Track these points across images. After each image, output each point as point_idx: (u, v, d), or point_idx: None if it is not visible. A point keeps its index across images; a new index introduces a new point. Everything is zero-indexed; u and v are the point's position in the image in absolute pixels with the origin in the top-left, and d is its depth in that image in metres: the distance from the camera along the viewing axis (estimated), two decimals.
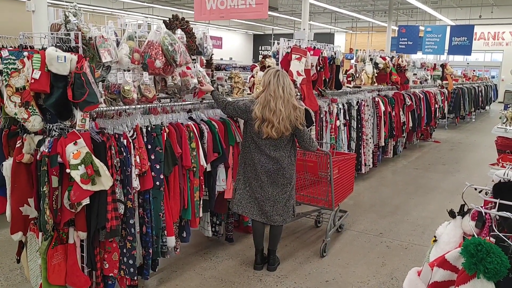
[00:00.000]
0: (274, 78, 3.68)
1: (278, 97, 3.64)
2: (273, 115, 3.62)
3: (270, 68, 3.92)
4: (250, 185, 3.86)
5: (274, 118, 3.61)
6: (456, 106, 13.15)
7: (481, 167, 8.03)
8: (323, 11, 21.54)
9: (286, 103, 3.65)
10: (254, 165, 3.80)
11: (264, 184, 3.79)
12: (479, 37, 24.96)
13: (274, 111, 3.62)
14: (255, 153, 3.79)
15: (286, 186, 3.85)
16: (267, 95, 3.68)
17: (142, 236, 3.45)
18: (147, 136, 3.41)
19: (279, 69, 3.89)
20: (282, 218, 3.89)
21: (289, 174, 3.85)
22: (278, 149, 3.75)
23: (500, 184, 1.93)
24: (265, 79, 3.74)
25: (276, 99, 3.63)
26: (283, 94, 3.65)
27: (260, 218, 3.88)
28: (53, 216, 2.95)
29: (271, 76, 3.70)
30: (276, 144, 3.74)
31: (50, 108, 2.95)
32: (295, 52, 5.47)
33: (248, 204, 3.88)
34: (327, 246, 4.36)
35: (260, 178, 3.79)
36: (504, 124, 4.42)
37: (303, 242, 4.60)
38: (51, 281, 3.08)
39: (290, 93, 3.69)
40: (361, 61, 7.95)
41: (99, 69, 3.33)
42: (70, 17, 3.09)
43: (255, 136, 3.76)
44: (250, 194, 3.87)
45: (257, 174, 3.79)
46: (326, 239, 4.36)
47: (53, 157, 2.92)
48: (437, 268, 1.69)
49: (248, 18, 6.73)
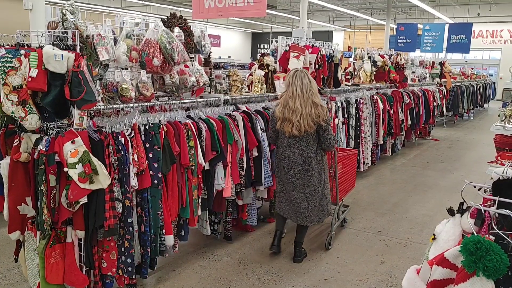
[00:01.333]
0: (293, 79, 3.86)
1: (296, 96, 3.80)
2: (291, 114, 3.78)
3: (292, 70, 4.06)
4: (285, 188, 4.00)
5: (293, 117, 3.77)
6: (455, 104, 13.16)
7: (480, 165, 8.04)
8: (321, 9, 21.52)
9: (305, 101, 3.79)
10: (284, 168, 3.95)
11: (296, 186, 3.92)
12: (478, 35, 24.97)
13: (293, 110, 3.78)
14: (283, 156, 3.94)
15: (317, 186, 3.93)
16: (286, 96, 3.87)
17: (141, 234, 3.44)
18: (145, 134, 3.40)
19: (299, 69, 4.03)
20: (318, 218, 4.01)
21: (318, 173, 3.93)
22: (304, 148, 3.86)
23: (499, 181, 1.93)
24: (286, 81, 3.94)
25: (295, 99, 3.80)
26: (301, 93, 3.80)
27: (296, 220, 4.01)
28: (50, 215, 2.94)
29: (290, 77, 3.90)
30: (302, 144, 3.86)
31: (47, 106, 2.94)
32: (293, 50, 5.47)
33: (286, 206, 4.02)
34: (332, 239, 4.46)
35: (291, 180, 3.92)
36: (503, 122, 4.42)
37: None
38: (49, 280, 3.07)
39: (309, 92, 3.82)
40: (360, 59, 7.95)
41: (96, 68, 3.31)
42: (67, 15, 3.08)
43: (282, 137, 3.94)
44: (287, 197, 4.01)
45: (288, 177, 3.94)
46: (331, 232, 4.46)
47: (51, 156, 2.91)
48: (436, 266, 1.68)
49: (246, 16, 6.71)
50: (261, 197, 4.75)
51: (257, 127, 4.41)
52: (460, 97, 13.35)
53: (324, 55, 6.06)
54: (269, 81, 5.06)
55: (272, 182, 4.63)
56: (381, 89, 7.95)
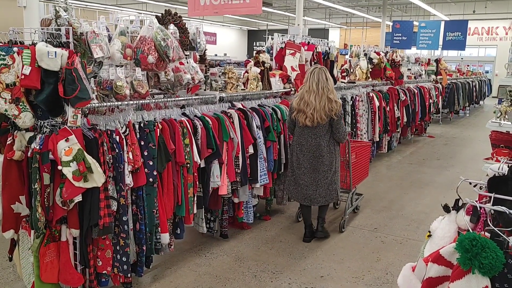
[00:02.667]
0: (311, 75, 4.25)
1: (312, 91, 4.19)
2: (306, 106, 4.18)
3: (312, 66, 4.47)
4: (295, 174, 4.39)
5: (307, 109, 4.17)
6: (450, 101, 13.18)
7: (476, 161, 8.06)
8: (317, 6, 21.49)
9: (320, 96, 4.17)
10: (296, 154, 4.33)
11: (307, 170, 4.29)
12: (473, 32, 25.01)
13: (308, 103, 4.17)
14: (297, 143, 4.32)
15: (327, 172, 4.30)
16: (303, 90, 4.28)
17: (136, 233, 3.42)
18: (140, 132, 3.38)
19: (318, 66, 4.37)
20: (324, 200, 4.38)
21: (329, 161, 4.29)
22: (316, 138, 4.23)
23: (494, 178, 1.93)
24: (305, 76, 4.36)
25: (310, 93, 4.19)
26: (317, 88, 4.18)
27: (304, 202, 4.40)
28: (45, 214, 2.92)
29: (309, 73, 4.30)
30: (315, 133, 4.23)
31: (41, 104, 2.91)
32: (289, 48, 5.45)
33: (294, 189, 4.43)
34: (345, 222, 4.86)
35: (302, 165, 4.30)
36: (498, 118, 4.42)
37: (300, 235, 4.59)
38: (43, 279, 3.05)
39: (325, 88, 4.20)
40: (356, 57, 7.94)
41: (90, 65, 3.29)
42: (61, 12, 3.05)
43: (297, 126, 4.34)
44: (296, 181, 4.39)
45: (300, 163, 4.31)
46: (344, 216, 4.86)
47: (45, 154, 2.88)
48: (431, 264, 1.68)
49: (242, 13, 6.69)
50: (257, 194, 4.73)
51: (252, 124, 4.40)
52: (455, 94, 13.37)
53: (320, 52, 6.05)
54: (265, 78, 5.05)
55: (268, 179, 4.62)
56: (377, 86, 7.95)
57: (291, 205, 5.39)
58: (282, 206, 5.34)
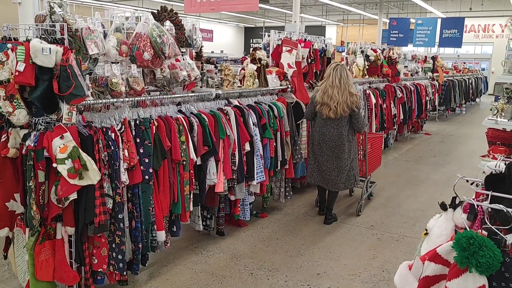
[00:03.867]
0: (333, 71, 4.64)
1: (335, 86, 4.58)
2: (330, 100, 4.56)
3: (333, 62, 4.95)
4: (318, 160, 4.76)
5: (331, 103, 4.55)
6: (447, 99, 13.20)
7: (472, 159, 8.07)
8: (314, 3, 21.45)
9: (342, 91, 4.57)
10: (319, 143, 4.70)
11: (329, 158, 4.68)
12: (470, 30, 25.06)
13: (331, 97, 4.56)
14: (320, 133, 4.68)
15: (347, 160, 4.70)
16: (326, 84, 4.65)
17: (132, 230, 3.41)
18: (136, 129, 3.36)
19: (339, 63, 4.78)
20: (344, 185, 4.83)
21: (348, 149, 4.70)
22: (338, 128, 4.61)
23: (491, 176, 1.91)
24: (327, 72, 4.73)
25: (333, 88, 4.58)
26: (339, 83, 4.59)
27: (326, 186, 4.81)
28: (40, 212, 2.90)
29: (331, 69, 4.68)
30: (337, 124, 4.61)
31: (35, 101, 2.89)
32: (285, 44, 5.43)
33: (318, 175, 4.81)
34: (362, 207, 5.28)
35: (325, 153, 4.68)
36: (495, 116, 4.43)
37: (297, 233, 4.58)
38: (38, 277, 3.03)
39: (346, 83, 4.61)
40: (352, 54, 7.93)
41: (86, 62, 3.26)
42: (55, 8, 3.02)
43: (319, 118, 4.69)
44: (319, 168, 4.78)
45: (322, 151, 4.69)
46: (361, 201, 5.30)
47: (39, 152, 2.86)
48: (428, 262, 1.67)
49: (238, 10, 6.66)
50: (254, 192, 4.72)
51: (249, 121, 4.38)
52: (452, 92, 13.39)
53: (317, 50, 6.03)
54: (262, 75, 5.03)
55: (265, 177, 4.61)
56: (373, 83, 7.94)
57: (287, 203, 5.39)
58: (279, 204, 5.33)
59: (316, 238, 4.53)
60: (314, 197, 5.56)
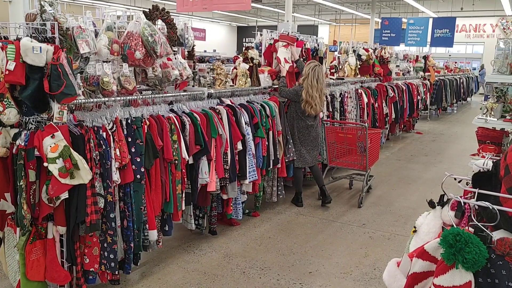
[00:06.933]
0: (311, 71, 5.05)
1: (314, 86, 5.04)
2: (311, 99, 5.05)
3: (310, 62, 5.27)
4: (308, 147, 5.32)
5: (312, 102, 5.06)
6: (438, 98, 13.29)
7: (463, 157, 8.14)
8: (306, 3, 21.50)
9: (319, 91, 5.08)
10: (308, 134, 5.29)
11: (314, 144, 5.36)
12: (461, 29, 25.24)
13: (312, 96, 5.05)
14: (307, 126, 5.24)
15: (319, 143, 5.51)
16: (307, 84, 5.04)
17: (123, 230, 3.40)
18: (127, 128, 3.35)
19: (317, 64, 5.18)
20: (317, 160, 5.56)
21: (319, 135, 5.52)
22: (316, 121, 5.34)
23: (479, 173, 1.93)
24: (305, 71, 5.11)
25: (313, 88, 5.05)
26: (317, 84, 5.06)
27: (312, 163, 5.42)
28: (30, 211, 2.89)
29: (310, 69, 5.07)
30: (315, 118, 5.32)
31: (26, 100, 2.88)
32: (282, 39, 5.44)
33: (310, 158, 5.36)
34: (363, 199, 5.57)
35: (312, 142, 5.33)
36: (485, 115, 4.47)
37: (289, 232, 4.60)
38: (29, 277, 3.02)
39: (322, 83, 5.12)
40: (344, 53, 7.96)
41: (77, 61, 3.26)
42: (46, 6, 3.01)
43: (304, 115, 5.19)
44: (309, 153, 5.35)
45: (311, 140, 5.33)
46: (362, 193, 5.58)
47: (30, 151, 2.85)
48: (416, 259, 1.68)
49: (231, 9, 6.67)
50: (246, 191, 4.73)
51: (241, 121, 4.39)
52: (443, 91, 13.48)
53: (309, 49, 6.05)
54: (254, 74, 5.04)
55: (257, 176, 4.62)
56: (365, 82, 7.98)
57: (280, 202, 5.40)
58: (271, 203, 5.35)
59: (308, 236, 4.55)
60: (306, 196, 5.58)
